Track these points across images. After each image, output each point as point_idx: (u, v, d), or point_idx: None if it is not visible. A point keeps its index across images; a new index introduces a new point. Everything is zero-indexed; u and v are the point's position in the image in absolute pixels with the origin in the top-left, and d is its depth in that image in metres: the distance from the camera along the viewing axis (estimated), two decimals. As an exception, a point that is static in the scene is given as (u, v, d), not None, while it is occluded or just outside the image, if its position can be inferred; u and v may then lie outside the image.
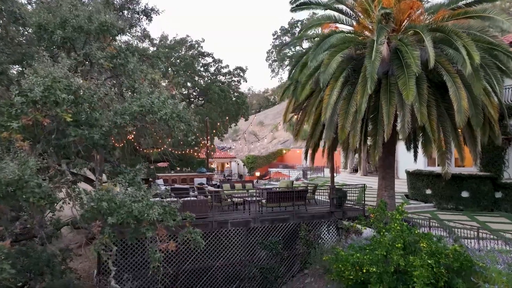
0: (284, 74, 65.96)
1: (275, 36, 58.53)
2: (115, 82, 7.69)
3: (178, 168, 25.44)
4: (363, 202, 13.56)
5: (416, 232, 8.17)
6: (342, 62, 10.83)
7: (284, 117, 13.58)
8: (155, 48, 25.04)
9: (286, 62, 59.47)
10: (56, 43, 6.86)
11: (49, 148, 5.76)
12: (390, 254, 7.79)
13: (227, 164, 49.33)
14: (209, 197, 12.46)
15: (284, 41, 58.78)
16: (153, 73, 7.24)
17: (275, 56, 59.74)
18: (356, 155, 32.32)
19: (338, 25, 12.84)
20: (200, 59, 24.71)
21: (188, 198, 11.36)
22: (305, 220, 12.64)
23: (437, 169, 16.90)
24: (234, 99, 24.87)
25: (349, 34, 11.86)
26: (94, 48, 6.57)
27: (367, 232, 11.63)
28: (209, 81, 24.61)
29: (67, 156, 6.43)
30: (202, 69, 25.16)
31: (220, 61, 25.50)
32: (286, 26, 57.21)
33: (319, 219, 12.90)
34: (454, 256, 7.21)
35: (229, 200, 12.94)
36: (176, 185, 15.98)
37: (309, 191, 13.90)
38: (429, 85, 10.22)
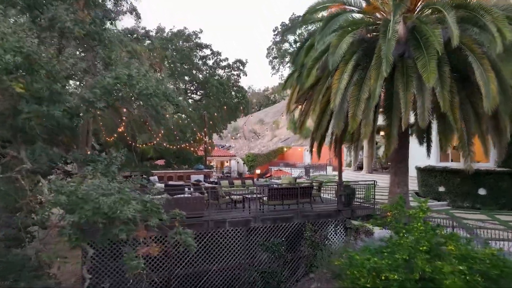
0: (285, 71, 64.88)
1: (276, 32, 57.46)
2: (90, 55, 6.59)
3: (176, 166, 24.38)
4: (373, 200, 12.47)
5: (442, 232, 7.09)
6: (353, 44, 9.76)
7: (288, 107, 12.46)
8: (150, 42, 23.94)
9: (287, 59, 58.33)
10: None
11: (5, 131, 4.70)
12: (413, 258, 6.71)
13: (227, 162, 48.24)
14: (205, 194, 11.38)
15: (285, 38, 57.68)
16: (134, 45, 6.15)
17: (275, 53, 58.61)
18: (361, 152, 31.30)
19: (346, 7, 11.75)
20: (197, 51, 23.59)
21: (182, 195, 10.25)
22: (311, 219, 11.55)
23: (451, 164, 15.84)
24: (233, 93, 23.76)
25: (359, 14, 10.77)
26: (61, 10, 5.46)
27: (380, 232, 10.54)
28: (208, 74, 23.50)
29: (32, 141, 5.38)
30: (200, 62, 24.05)
31: (219, 53, 24.41)
32: (287, 22, 56.08)
33: (325, 218, 11.81)
34: (492, 261, 6.11)
35: (227, 197, 11.86)
36: (171, 182, 14.89)
37: (314, 188, 12.81)
38: (450, 68, 9.14)
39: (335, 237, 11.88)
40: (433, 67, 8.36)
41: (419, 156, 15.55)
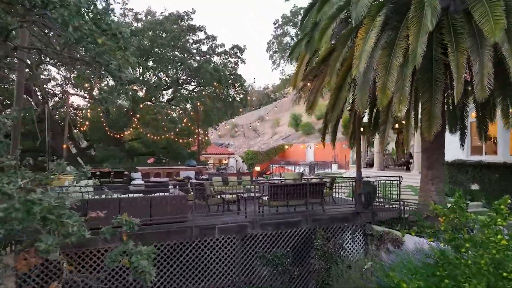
0: (286, 67, 62.56)
1: (276, 25, 55.13)
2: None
3: (168, 162, 22.05)
4: (399, 200, 10.13)
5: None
6: (380, -4, 7.43)
7: (293, 82, 10.01)
8: (139, 25, 21.64)
9: (288, 54, 55.99)
10: None
11: None
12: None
13: (225, 160, 45.89)
14: (190, 193, 9.05)
15: (286, 31, 55.35)
16: None
17: (276, 47, 56.26)
18: (372, 149, 28.92)
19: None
20: (190, 34, 21.24)
21: (158, 194, 7.91)
22: (322, 224, 9.21)
23: (486, 158, 13.49)
24: (230, 81, 21.45)
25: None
26: None
27: (413, 241, 8.23)
28: (202, 61, 21.16)
29: None
30: (193, 47, 21.70)
31: (214, 38, 22.03)
32: (288, 14, 53.80)
33: (341, 223, 9.46)
34: None
35: (218, 197, 9.50)
36: (153, 179, 12.56)
37: (326, 185, 10.47)
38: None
39: (352, 247, 9.53)
40: (499, 14, 6.01)
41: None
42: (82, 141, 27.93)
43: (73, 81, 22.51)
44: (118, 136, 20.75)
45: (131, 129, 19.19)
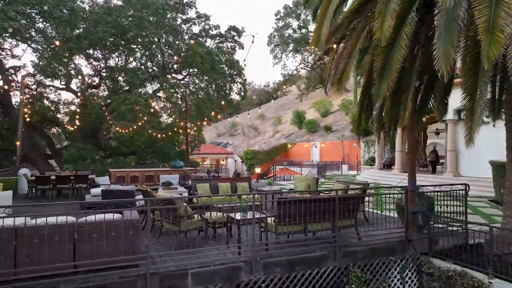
0: (288, 61, 59.25)
1: (278, 16, 51.82)
2: None
3: (151, 162, 18.83)
4: (465, 220, 6.91)
5: None
6: None
7: (315, 39, 6.60)
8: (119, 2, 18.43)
9: (290, 47, 52.74)
10: None
11: None
12: None
13: (223, 160, 42.64)
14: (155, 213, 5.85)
15: (288, 23, 52.08)
16: None
17: (277, 40, 52.97)
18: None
19: None
20: (179, 11, 18.01)
21: (94, 218, 4.68)
22: (359, 259, 5.99)
23: None
24: (225, 67, 18.22)
25: None
26: None
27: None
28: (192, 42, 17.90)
29: None
30: (183, 28, 18.46)
31: (207, 17, 18.81)
32: (291, 5, 50.55)
33: (385, 257, 6.24)
34: None
35: (196, 218, 6.24)
36: (117, 186, 9.35)
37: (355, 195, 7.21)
38: None
39: (402, 292, 6.30)
40: None
41: (492, 146, 10.31)
42: (63, 140, 24.68)
43: (48, 70, 19.32)
44: (96, 133, 17.52)
45: (110, 124, 16.05)
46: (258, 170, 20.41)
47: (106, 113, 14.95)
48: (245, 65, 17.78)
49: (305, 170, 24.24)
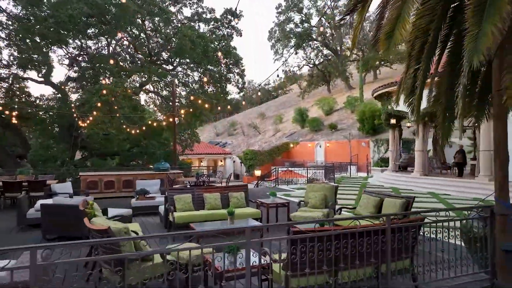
0: (290, 58, 57.04)
1: (279, 9, 49.50)
2: None
3: (137, 164, 16.48)
4: None
5: None
6: None
7: None
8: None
9: (292, 42, 50.38)
10: None
11: None
12: None
13: (221, 161, 40.36)
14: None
15: (290, 17, 49.75)
16: None
17: (278, 35, 50.64)
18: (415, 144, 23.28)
19: None
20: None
21: None
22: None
23: None
24: (220, 54, 15.85)
25: None
26: None
27: None
28: (182, 26, 15.55)
29: None
30: (173, 9, 16.12)
31: (199, -1, 16.50)
32: (292, -2, 48.27)
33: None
34: None
35: (155, 260, 3.88)
36: (61, 200, 7.02)
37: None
38: None
39: None
40: None
41: None
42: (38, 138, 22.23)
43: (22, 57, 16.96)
44: (73, 131, 15.20)
45: (77, 119, 13.73)
46: (258, 172, 18.06)
47: (73, 105, 12.69)
48: (238, 16, 14.98)
49: (309, 172, 21.88)
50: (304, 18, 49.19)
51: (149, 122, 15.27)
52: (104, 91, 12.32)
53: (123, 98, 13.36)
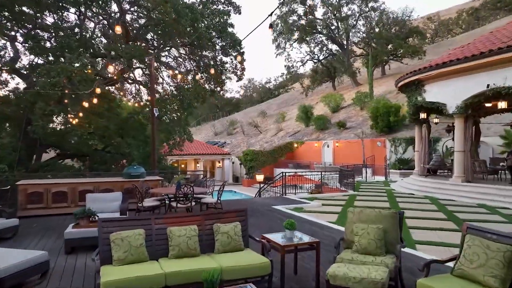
0: (292, 52, 54.03)
1: (281, 1, 46.35)
2: None
3: (108, 167, 13.35)
4: None
5: None
6: None
7: None
8: None
9: (295, 35, 47.31)
10: None
11: None
12: None
13: (219, 162, 37.27)
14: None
15: (293, 9, 46.71)
16: None
17: (281, 28, 47.53)
18: (442, 144, 20.10)
19: None
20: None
21: None
22: None
23: None
24: (213, 33, 12.76)
25: None
26: None
27: None
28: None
29: None
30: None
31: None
32: (296, -12, 45.21)
33: None
34: None
35: None
36: None
37: None
38: None
39: None
40: None
41: None
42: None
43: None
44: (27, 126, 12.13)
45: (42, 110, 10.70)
46: (260, 177, 14.97)
47: (20, 92, 9.66)
48: None
49: (315, 174, 18.66)
50: (308, 10, 46.11)
51: (125, 115, 12.24)
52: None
53: (83, 81, 10.30)
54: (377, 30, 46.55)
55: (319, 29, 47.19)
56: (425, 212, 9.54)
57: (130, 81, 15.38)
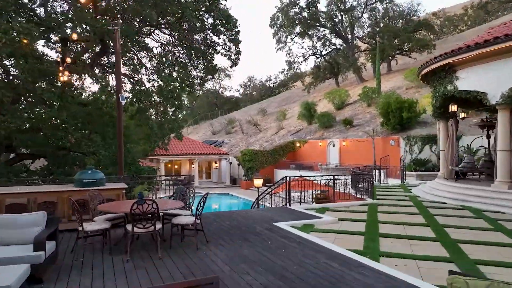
0: (294, 47, 51.50)
1: (282, -9, 43.96)
2: None
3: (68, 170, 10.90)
4: None
5: None
6: None
7: None
8: None
9: (297, 28, 44.86)
10: None
11: None
12: None
13: (215, 163, 34.84)
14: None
15: (295, 1, 44.25)
16: None
17: (282, 21, 45.06)
18: (471, 142, 17.41)
19: None
20: None
21: None
22: None
23: None
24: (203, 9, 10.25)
25: None
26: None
27: None
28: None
29: None
30: None
31: None
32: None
33: None
34: None
35: None
36: None
37: None
38: None
39: None
40: None
41: None
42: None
43: None
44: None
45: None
46: (258, 182, 12.53)
47: None
48: None
49: (325, 178, 16.20)
50: (310, 1, 43.65)
51: (90, 106, 9.83)
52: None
53: (19, 54, 7.88)
54: (382, 23, 44.11)
55: (322, 22, 44.71)
56: (477, 232, 7.10)
57: (96, 67, 12.92)
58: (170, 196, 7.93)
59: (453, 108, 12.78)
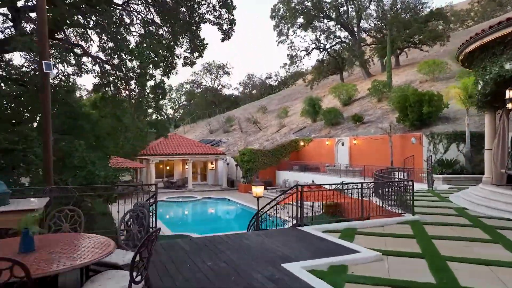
0: (296, 40, 48.59)
1: (284, -19, 41.06)
2: None
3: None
4: None
5: None
6: None
7: None
8: None
9: (300, 20, 41.94)
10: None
11: None
12: None
13: (211, 163, 31.91)
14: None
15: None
16: None
17: (283, 11, 42.15)
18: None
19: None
20: None
21: None
22: None
23: None
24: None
25: None
26: None
27: None
28: None
29: None
30: None
31: None
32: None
33: None
34: None
35: None
36: None
37: None
38: None
39: None
40: None
41: None
42: None
43: None
44: None
45: None
46: (258, 190, 9.64)
47: None
48: None
49: (327, 179, 13.25)
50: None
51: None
52: None
53: None
54: (390, 16, 41.21)
55: (327, 13, 41.80)
56: None
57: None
58: (122, 218, 5.04)
59: (510, 94, 9.90)
